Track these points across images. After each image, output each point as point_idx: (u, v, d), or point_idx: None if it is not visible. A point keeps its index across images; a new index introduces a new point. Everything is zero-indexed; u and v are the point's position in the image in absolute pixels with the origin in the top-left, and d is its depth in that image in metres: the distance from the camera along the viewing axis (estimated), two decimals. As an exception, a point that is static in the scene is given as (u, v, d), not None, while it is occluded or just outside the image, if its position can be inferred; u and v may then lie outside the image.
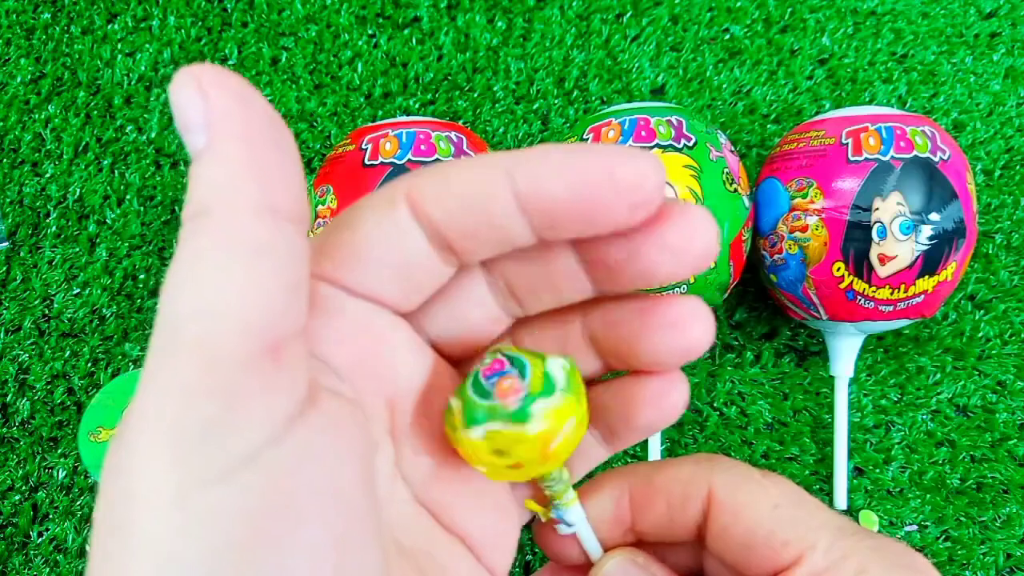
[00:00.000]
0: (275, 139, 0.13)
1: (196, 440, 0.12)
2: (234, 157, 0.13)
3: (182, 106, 0.13)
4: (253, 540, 0.12)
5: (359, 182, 0.32)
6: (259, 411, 0.12)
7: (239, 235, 0.13)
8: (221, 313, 0.12)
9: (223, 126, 0.13)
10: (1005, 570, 0.37)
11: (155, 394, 0.12)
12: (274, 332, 0.13)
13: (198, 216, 0.13)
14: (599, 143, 0.16)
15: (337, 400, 0.15)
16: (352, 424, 0.15)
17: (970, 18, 0.44)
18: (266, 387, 0.12)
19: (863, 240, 0.32)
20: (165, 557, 0.12)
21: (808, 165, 0.34)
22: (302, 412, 0.13)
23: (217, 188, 0.13)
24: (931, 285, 0.32)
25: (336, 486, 0.13)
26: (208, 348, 0.12)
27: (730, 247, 0.33)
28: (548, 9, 0.44)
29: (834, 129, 0.34)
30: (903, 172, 0.32)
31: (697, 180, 0.32)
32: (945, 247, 0.32)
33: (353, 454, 0.14)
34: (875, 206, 0.32)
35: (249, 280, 0.12)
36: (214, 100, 0.13)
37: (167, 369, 0.12)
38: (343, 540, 0.13)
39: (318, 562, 0.13)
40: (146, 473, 0.12)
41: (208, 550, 0.12)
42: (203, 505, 0.12)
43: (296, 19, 0.44)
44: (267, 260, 0.13)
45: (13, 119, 0.42)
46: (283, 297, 0.13)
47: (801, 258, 0.34)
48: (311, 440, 0.13)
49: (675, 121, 0.33)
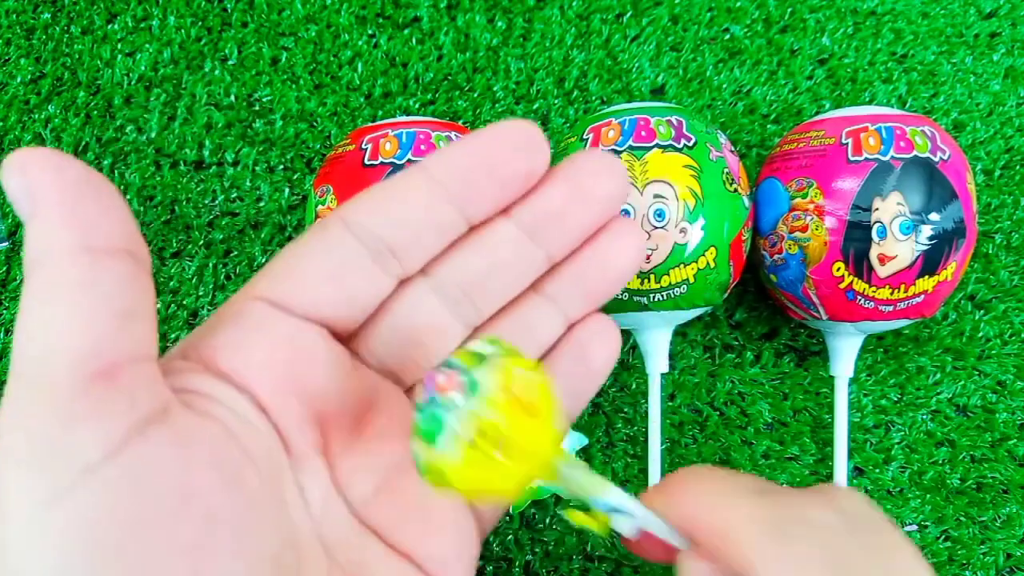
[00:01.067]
0: (90, 192, 0.15)
1: (40, 462, 0.13)
2: (51, 215, 0.15)
3: (10, 189, 0.15)
4: (99, 550, 0.13)
5: (359, 182, 0.32)
6: (92, 430, 0.14)
7: (59, 277, 0.14)
8: (50, 347, 0.14)
9: (42, 194, 0.15)
10: (1005, 570, 0.37)
11: (5, 426, 0.14)
12: (104, 359, 0.14)
13: (30, 269, 0.15)
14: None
15: (192, 416, 0.16)
16: (208, 438, 0.16)
17: (970, 18, 0.44)
18: (98, 409, 0.14)
19: (863, 240, 0.32)
20: (16, 571, 0.13)
21: (808, 165, 0.34)
22: (144, 429, 0.14)
23: (40, 242, 0.15)
24: (931, 285, 0.32)
25: (184, 496, 0.14)
26: (42, 379, 0.14)
27: (730, 247, 0.33)
28: (548, 9, 0.44)
29: (834, 129, 0.34)
30: (903, 172, 0.32)
31: (697, 180, 0.32)
32: (945, 247, 0.32)
33: (206, 466, 0.15)
34: (875, 206, 0.32)
35: (72, 315, 0.14)
36: (33, 176, 0.15)
37: (11, 402, 0.14)
38: (196, 548, 0.14)
39: (167, 569, 0.14)
40: (6, 494, 0.13)
41: (59, 562, 0.13)
42: (52, 519, 0.13)
43: (296, 19, 0.44)
44: (89, 295, 0.14)
45: (13, 119, 0.42)
46: (113, 325, 0.14)
47: (801, 258, 0.34)
48: (154, 454, 0.14)
49: (675, 121, 0.33)
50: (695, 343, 0.40)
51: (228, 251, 0.41)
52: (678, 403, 0.39)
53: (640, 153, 0.32)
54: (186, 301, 0.40)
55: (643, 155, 0.32)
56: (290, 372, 0.18)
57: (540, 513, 0.38)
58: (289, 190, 0.41)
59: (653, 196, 0.32)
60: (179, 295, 0.40)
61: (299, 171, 0.42)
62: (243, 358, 0.17)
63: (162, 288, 0.40)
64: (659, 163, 0.32)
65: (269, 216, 0.41)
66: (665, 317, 0.34)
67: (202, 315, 0.40)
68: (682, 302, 0.33)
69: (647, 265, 0.32)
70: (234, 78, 0.43)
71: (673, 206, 0.32)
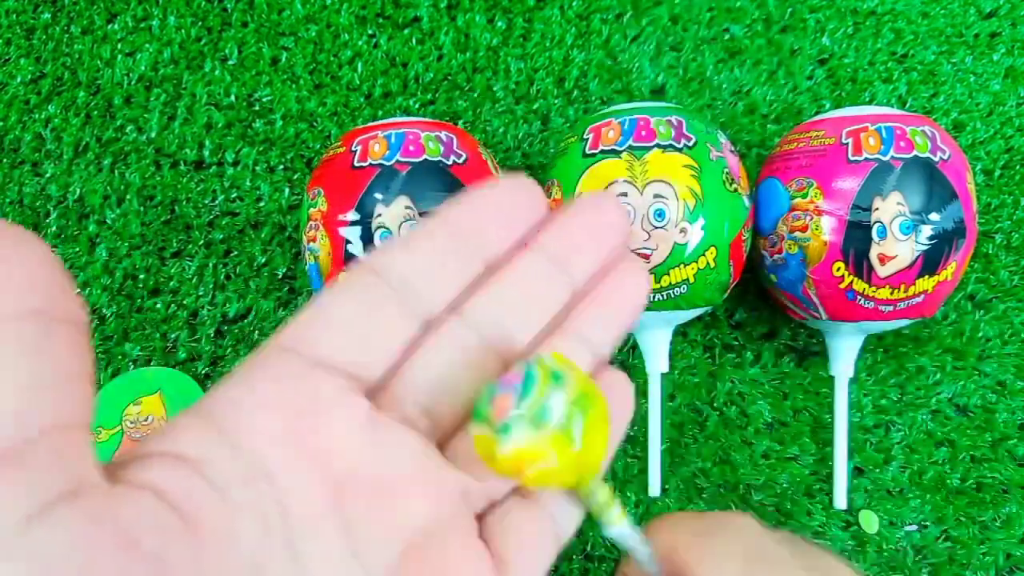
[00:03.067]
0: (4, 256, 0.14)
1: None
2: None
3: None
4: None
5: (348, 183, 0.32)
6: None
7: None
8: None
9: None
10: (1005, 570, 0.37)
11: None
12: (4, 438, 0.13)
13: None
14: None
15: (103, 496, 0.15)
16: (115, 519, 0.14)
17: (970, 18, 0.44)
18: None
19: (863, 240, 0.32)
20: None
21: (808, 165, 0.34)
22: (46, 511, 0.13)
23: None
24: (931, 285, 0.32)
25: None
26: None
27: (730, 247, 0.33)
28: (548, 9, 0.44)
29: (834, 129, 0.34)
30: (903, 172, 0.32)
31: (697, 180, 0.32)
32: (945, 247, 0.32)
33: (112, 550, 0.14)
34: (875, 206, 0.32)
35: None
36: None
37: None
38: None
39: None
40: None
41: None
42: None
43: (296, 19, 0.44)
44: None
45: (13, 119, 0.42)
46: (11, 402, 0.13)
47: (801, 258, 0.33)
48: (51, 538, 0.13)
49: (675, 121, 0.33)
50: (695, 343, 0.40)
51: (228, 251, 0.41)
52: (678, 403, 0.39)
53: (640, 153, 0.32)
54: (186, 301, 0.40)
55: (643, 155, 0.32)
56: (299, 431, 0.17)
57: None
58: (289, 190, 0.41)
59: (653, 196, 0.32)
60: (179, 295, 0.40)
61: (299, 171, 0.42)
62: (247, 417, 0.17)
63: (162, 288, 0.40)
64: (659, 163, 0.32)
65: (269, 216, 0.41)
66: (665, 317, 0.34)
67: (202, 315, 0.40)
68: (682, 302, 0.33)
69: (649, 265, 0.32)
70: (234, 78, 0.43)
71: (673, 206, 0.32)
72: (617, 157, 0.32)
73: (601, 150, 0.33)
